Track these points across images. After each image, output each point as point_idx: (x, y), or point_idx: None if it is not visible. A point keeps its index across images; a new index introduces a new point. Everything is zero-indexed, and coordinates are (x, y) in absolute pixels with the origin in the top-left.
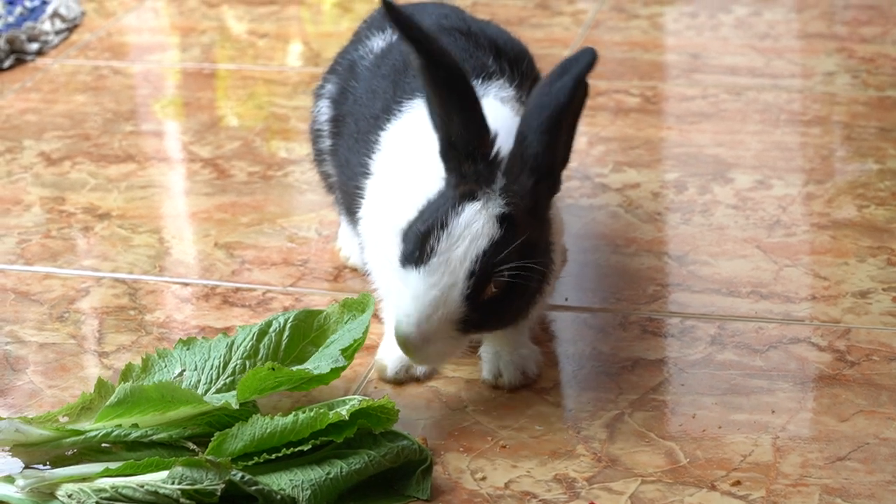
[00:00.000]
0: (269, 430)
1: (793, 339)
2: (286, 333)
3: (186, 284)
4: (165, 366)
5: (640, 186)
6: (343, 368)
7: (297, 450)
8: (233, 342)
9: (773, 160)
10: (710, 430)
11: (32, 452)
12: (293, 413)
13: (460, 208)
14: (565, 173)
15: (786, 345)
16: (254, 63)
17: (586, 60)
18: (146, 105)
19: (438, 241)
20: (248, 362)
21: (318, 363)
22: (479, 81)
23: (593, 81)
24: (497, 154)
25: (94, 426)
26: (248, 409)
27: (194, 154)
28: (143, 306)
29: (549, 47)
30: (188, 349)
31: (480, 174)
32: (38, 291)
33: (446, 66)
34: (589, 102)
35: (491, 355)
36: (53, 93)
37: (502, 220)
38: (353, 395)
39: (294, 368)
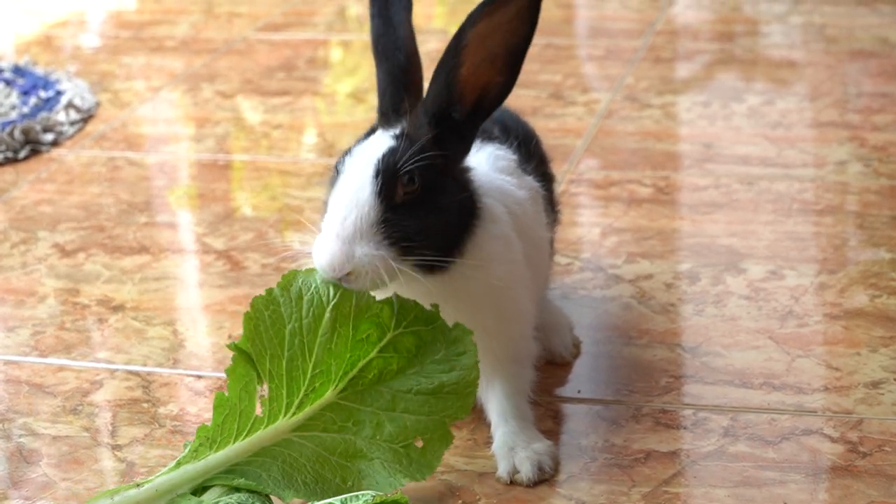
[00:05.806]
0: None
1: (805, 431)
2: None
3: (200, 377)
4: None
5: (652, 277)
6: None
7: None
8: (304, 349)
9: (785, 250)
10: None
11: None
12: None
13: (363, 140)
14: (578, 264)
15: (798, 436)
16: (268, 154)
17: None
18: (161, 196)
19: (344, 163)
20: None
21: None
22: (479, 141)
23: (606, 171)
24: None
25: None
26: (261, 499)
27: (208, 246)
28: (157, 399)
29: (562, 137)
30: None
31: (390, 122)
32: (52, 384)
33: (388, 38)
34: (601, 193)
35: (505, 451)
36: (68, 184)
37: (399, 136)
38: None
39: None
